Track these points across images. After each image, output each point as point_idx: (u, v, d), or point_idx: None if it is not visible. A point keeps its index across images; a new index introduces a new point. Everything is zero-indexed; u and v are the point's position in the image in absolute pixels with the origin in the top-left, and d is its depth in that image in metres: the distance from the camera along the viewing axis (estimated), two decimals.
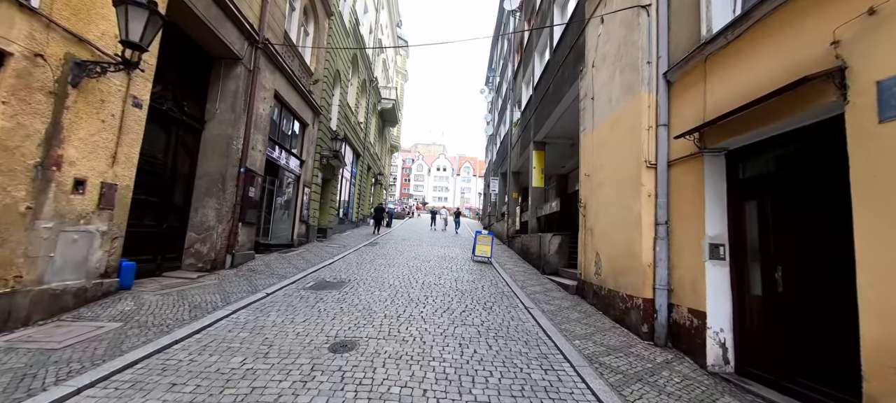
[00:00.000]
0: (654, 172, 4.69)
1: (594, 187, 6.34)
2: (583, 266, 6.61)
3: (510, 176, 16.96)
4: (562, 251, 9.03)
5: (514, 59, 17.96)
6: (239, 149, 7.79)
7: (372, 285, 6.80)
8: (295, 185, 11.53)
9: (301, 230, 11.77)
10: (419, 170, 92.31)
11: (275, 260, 8.75)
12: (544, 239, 9.28)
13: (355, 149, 19.77)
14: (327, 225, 14.67)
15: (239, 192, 7.79)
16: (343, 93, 15.61)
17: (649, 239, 4.61)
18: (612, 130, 5.72)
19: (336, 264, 8.89)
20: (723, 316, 3.81)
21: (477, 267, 9.60)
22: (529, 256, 10.91)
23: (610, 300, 5.40)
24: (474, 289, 6.97)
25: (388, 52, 30.66)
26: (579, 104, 7.37)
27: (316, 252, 10.61)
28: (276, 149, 9.80)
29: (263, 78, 8.53)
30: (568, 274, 8.31)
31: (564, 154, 13.32)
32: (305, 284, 6.67)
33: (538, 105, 11.58)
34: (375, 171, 26.04)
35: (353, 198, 20.69)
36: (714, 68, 3.98)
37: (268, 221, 10.10)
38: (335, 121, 14.97)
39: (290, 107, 10.28)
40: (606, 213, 5.76)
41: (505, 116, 20.83)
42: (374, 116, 24.63)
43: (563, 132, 11.18)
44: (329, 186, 15.00)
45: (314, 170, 12.62)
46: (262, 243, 9.61)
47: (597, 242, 6.03)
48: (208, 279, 6.55)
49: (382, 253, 11.32)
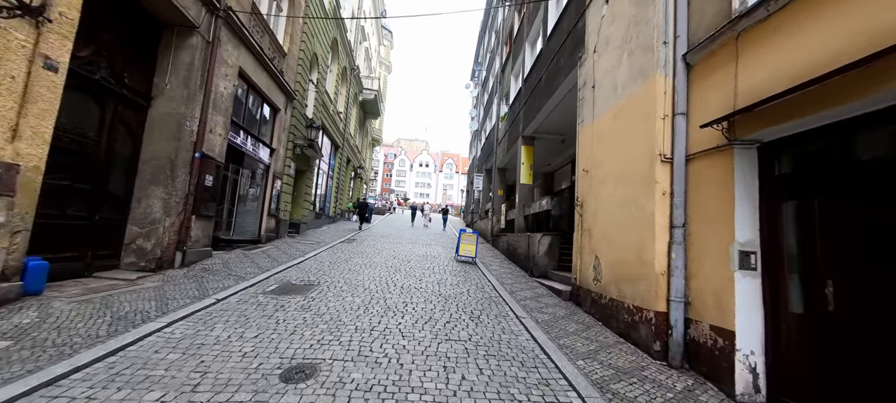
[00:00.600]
0: (669, 167, 4.11)
1: (594, 184, 5.75)
2: (578, 270, 6.02)
3: (496, 172, 16.37)
4: (552, 252, 8.46)
5: (502, 51, 17.35)
6: (193, 132, 6.80)
7: (344, 289, 6.00)
8: (264, 176, 10.51)
9: (270, 225, 10.77)
10: (401, 166, 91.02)
11: (236, 258, 7.79)
12: (533, 239, 8.69)
13: (334, 140, 18.72)
14: (301, 219, 13.66)
15: (192, 181, 6.81)
16: (321, 79, 14.59)
17: (663, 244, 4.02)
18: (617, 121, 5.13)
19: (306, 263, 8.01)
20: (754, 335, 3.25)
21: (461, 268, 8.92)
22: (516, 257, 10.33)
23: (612, 310, 4.82)
24: (459, 294, 6.28)
25: (372, 42, 29.52)
26: (577, 94, 6.77)
27: (285, 249, 9.67)
28: (241, 134, 8.80)
29: (225, 52, 7.53)
30: (559, 277, 7.74)
31: (553, 150, 12.82)
32: (266, 287, 5.80)
33: (528, 97, 10.98)
34: (355, 165, 24.99)
35: (330, 192, 19.65)
36: (749, 46, 3.40)
37: (231, 214, 9.09)
38: (311, 108, 13.95)
39: (258, 88, 9.27)
40: (609, 213, 5.17)
41: (491, 111, 20.22)
42: (354, 107, 23.55)
43: (554, 127, 10.64)
44: (303, 178, 13.98)
45: (286, 159, 11.61)
46: (223, 239, 8.61)
47: (596, 245, 5.45)
48: (149, 281, 5.59)
49: (359, 251, 10.48)
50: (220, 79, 7.45)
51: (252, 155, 9.41)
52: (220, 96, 7.47)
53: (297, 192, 13.77)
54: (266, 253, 8.80)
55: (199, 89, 6.90)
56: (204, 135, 6.98)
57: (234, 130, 8.38)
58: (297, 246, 10.44)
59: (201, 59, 6.89)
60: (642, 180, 4.38)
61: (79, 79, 5.13)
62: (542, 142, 11.62)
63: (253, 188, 10.26)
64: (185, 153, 6.64)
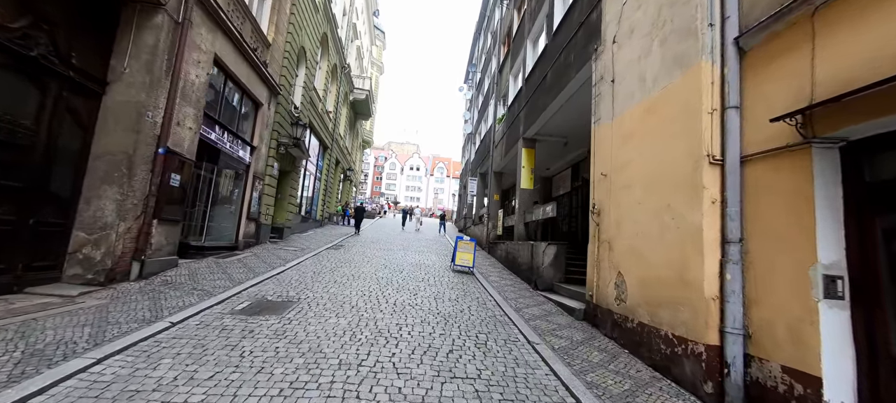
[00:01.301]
0: (719, 171, 3.46)
1: (614, 190, 5.08)
2: (595, 286, 5.34)
3: (492, 176, 15.71)
4: (558, 264, 7.78)
5: (499, 51, 16.76)
6: (157, 124, 5.93)
7: (327, 307, 5.20)
8: (243, 176, 9.61)
9: (249, 229, 9.86)
10: (392, 169, 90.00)
11: (206, 268, 6.90)
12: (537, 248, 8.00)
13: (322, 141, 17.84)
14: (285, 224, 12.75)
15: (155, 180, 5.93)
16: (309, 75, 13.75)
17: (713, 262, 3.35)
18: (648, 117, 4.47)
19: (286, 274, 7.16)
20: (845, 382, 2.59)
21: (459, 280, 8.16)
22: (517, 267, 9.63)
23: (643, 338, 4.13)
24: (460, 313, 5.52)
25: (364, 41, 28.75)
26: (592, 90, 6.12)
27: (265, 256, 8.79)
28: (217, 129, 7.92)
29: (198, 36, 6.68)
30: (567, 291, 7.06)
31: (554, 153, 12.22)
32: (236, 305, 4.96)
33: (530, 97, 10.36)
34: (345, 167, 24.09)
35: (317, 195, 18.72)
36: (830, 24, 2.77)
37: (204, 218, 8.18)
38: (298, 105, 13.08)
39: (237, 80, 8.41)
40: (636, 223, 4.50)
41: (487, 113, 19.62)
42: (344, 107, 22.70)
43: (557, 128, 10.02)
44: (288, 179, 13.08)
45: (269, 159, 10.73)
46: (193, 245, 7.70)
47: (619, 259, 4.77)
48: (94, 298, 4.70)
49: (347, 259, 9.64)
50: (192, 66, 6.60)
51: (230, 152, 8.52)
52: (191, 85, 6.61)
53: (281, 194, 12.86)
54: (242, 261, 7.91)
55: (166, 76, 6.04)
56: (169, 127, 6.11)
57: (207, 124, 7.51)
58: (279, 253, 9.55)
59: (168, 42, 6.04)
60: (683, 186, 3.71)
61: (8, 55, 4.27)
62: (543, 145, 11.00)
63: (230, 189, 9.35)
64: (145, 148, 5.77)
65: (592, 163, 5.79)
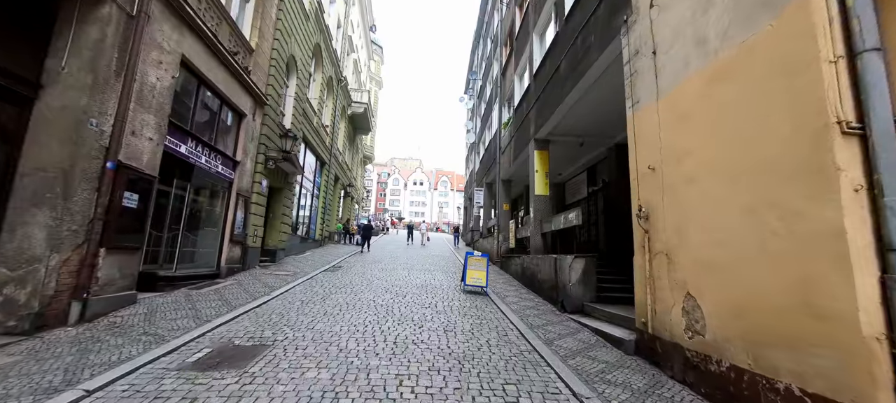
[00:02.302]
0: (859, 143, 2.35)
1: (670, 186, 3.97)
2: (650, 311, 4.17)
3: (500, 185, 14.64)
4: (587, 280, 6.60)
5: (501, 54, 15.90)
6: (105, 133, 4.95)
7: (308, 352, 4.07)
8: (224, 194, 8.61)
9: (233, 254, 8.80)
10: (395, 185, 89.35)
11: (173, 303, 5.81)
12: (562, 263, 6.84)
13: (319, 156, 16.94)
14: (277, 245, 11.69)
15: (102, 200, 4.91)
16: (301, 85, 12.89)
17: (870, 282, 2.21)
18: (716, 88, 3.39)
19: (268, 306, 6.06)
20: None
21: (472, 304, 7.00)
22: (536, 284, 8.44)
23: (744, 389, 2.93)
24: (478, 351, 4.37)
25: (361, 55, 28.22)
26: (624, 70, 5.07)
27: (249, 284, 7.70)
28: (190, 141, 6.95)
29: (159, 32, 5.77)
30: (603, 314, 5.87)
31: (567, 157, 11.14)
32: (189, 356, 3.85)
33: (541, 94, 9.35)
34: (345, 183, 23.16)
35: (315, 213, 17.71)
36: None
37: (175, 243, 7.13)
38: (289, 118, 12.19)
39: (213, 87, 7.48)
40: (711, 228, 3.37)
41: (490, 120, 18.67)
42: (343, 121, 21.91)
43: (572, 127, 8.97)
44: (280, 197, 12.08)
45: (256, 174, 9.75)
46: (162, 276, 6.64)
47: (686, 276, 3.62)
48: (3, 354, 3.61)
49: (343, 283, 8.52)
50: (151, 67, 5.66)
51: (206, 168, 7.53)
52: (151, 89, 5.66)
53: (272, 214, 11.85)
54: (220, 292, 6.82)
55: (116, 77, 5.09)
56: (122, 138, 5.12)
57: (176, 136, 6.54)
58: (267, 279, 8.46)
59: (119, 38, 5.11)
60: (798, 171, 2.59)
61: None
62: (558, 146, 9.94)
63: (208, 209, 8.34)
64: (88, 162, 4.77)
65: (633, 156, 4.70)
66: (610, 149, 9.92)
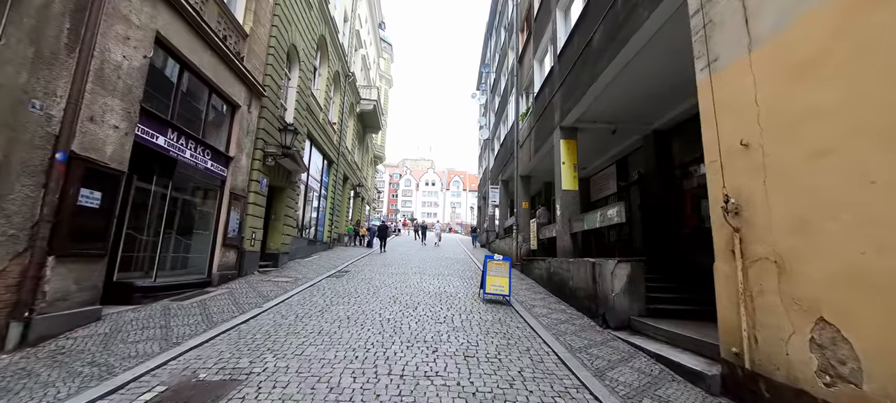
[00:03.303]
0: None
1: (777, 166, 2.87)
2: (746, 338, 3.06)
3: (518, 181, 13.53)
4: (635, 290, 5.49)
5: (517, 41, 14.80)
6: (55, 119, 4.12)
7: (288, 393, 3.10)
8: (216, 193, 7.78)
9: (227, 259, 7.97)
10: (407, 186, 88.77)
11: (145, 319, 4.96)
12: (602, 269, 5.74)
13: (326, 154, 16.14)
14: (279, 249, 10.86)
15: (50, 198, 4.07)
16: (305, 78, 12.06)
17: None
18: (861, 17, 2.30)
19: (257, 321, 5.15)
20: None
21: (494, 318, 5.96)
22: (568, 293, 7.34)
23: None
24: (510, 389, 3.34)
25: (370, 51, 27.48)
26: (691, 22, 3.97)
27: (242, 294, 6.83)
28: (170, 132, 6.11)
29: (125, 3, 4.93)
30: (660, 333, 4.76)
31: (596, 147, 9.99)
32: (135, 398, 2.93)
33: (567, 75, 8.24)
34: (354, 183, 22.37)
35: (323, 214, 16.92)
36: None
37: (157, 248, 6.30)
38: (292, 112, 11.38)
39: (199, 72, 6.65)
40: (868, 220, 2.27)
41: (505, 113, 17.58)
42: (351, 119, 21.12)
43: (604, 112, 7.88)
44: (282, 197, 11.26)
45: (253, 172, 8.92)
46: (139, 286, 5.81)
47: (822, 293, 2.52)
48: None
49: (348, 290, 7.58)
50: (116, 43, 4.82)
51: (191, 163, 6.70)
52: (116, 69, 4.82)
53: (274, 215, 11.04)
54: (205, 304, 5.96)
55: (68, 52, 4.25)
56: (76, 124, 4.29)
57: (153, 126, 5.71)
58: (263, 286, 7.59)
59: (71, 5, 4.28)
60: None
61: None
62: (583, 137, 8.81)
63: (197, 209, 7.51)
64: (30, 152, 3.94)
65: (712, 131, 3.59)
66: (646, 137, 8.75)
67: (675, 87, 6.51)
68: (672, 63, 5.76)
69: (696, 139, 7.86)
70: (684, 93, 7.00)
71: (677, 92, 6.77)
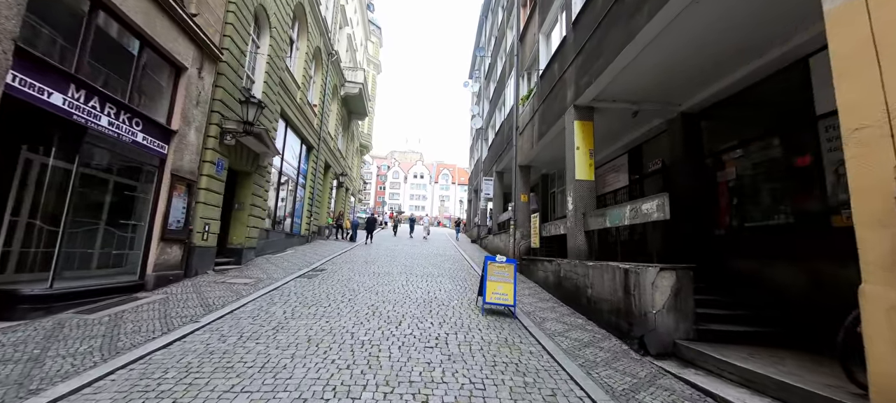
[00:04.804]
0: None
1: None
2: None
3: (516, 172, 12.27)
4: (681, 306, 4.28)
5: (518, 17, 13.45)
6: None
7: None
8: (153, 174, 6.27)
9: (168, 256, 6.48)
10: (395, 178, 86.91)
11: (14, 346, 3.50)
12: (641, 278, 4.50)
13: (305, 139, 14.58)
14: (243, 243, 9.36)
15: None
16: (277, 48, 10.47)
17: None
18: None
19: (182, 345, 3.75)
20: None
21: (499, 337, 4.68)
22: (583, 302, 6.13)
23: None
24: None
25: (357, 32, 25.73)
26: None
27: (180, 301, 5.40)
28: (74, 90, 4.58)
29: None
30: (726, 369, 3.55)
31: (609, 131, 8.79)
32: None
33: (587, 42, 6.95)
34: (337, 172, 20.79)
35: (301, 205, 15.37)
36: None
37: (58, 242, 4.78)
38: (261, 85, 9.82)
39: (122, 15, 5.12)
40: None
41: (502, 98, 16.28)
42: (334, 102, 19.51)
43: (626, 90, 6.64)
44: (248, 183, 9.73)
45: (207, 151, 7.41)
46: (27, 295, 4.32)
47: None
48: None
49: (318, 296, 6.20)
50: None
51: (111, 134, 5.18)
52: None
53: (238, 204, 9.52)
54: (120, 318, 4.51)
55: None
56: None
57: (44, 78, 4.18)
58: (213, 291, 6.15)
59: None
60: None
61: None
62: (605, 115, 7.56)
63: (122, 194, 5.99)
64: None
65: (866, 83, 2.32)
66: (671, 121, 7.56)
67: (719, 61, 5.36)
68: (727, 18, 4.54)
69: (733, 123, 6.77)
70: (730, 66, 5.82)
71: (721, 65, 5.64)
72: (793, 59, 5.36)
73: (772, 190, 5.67)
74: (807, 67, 5.23)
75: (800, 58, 5.30)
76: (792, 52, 5.28)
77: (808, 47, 5.11)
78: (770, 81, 5.75)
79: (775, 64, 5.55)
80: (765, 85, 5.84)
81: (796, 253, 4.94)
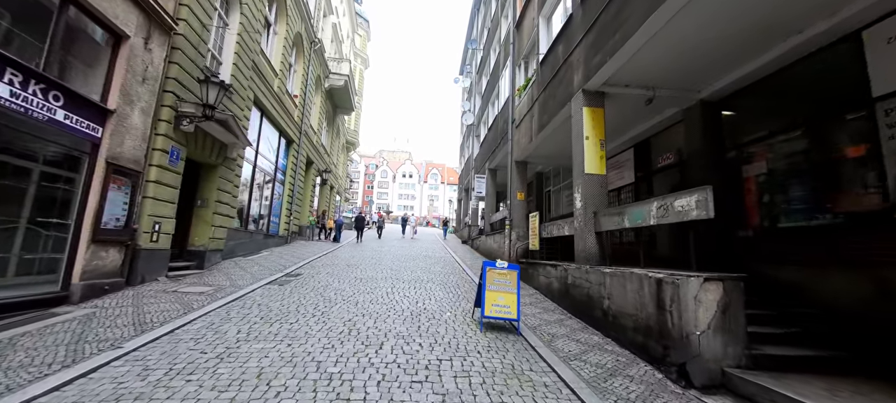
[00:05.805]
0: None
1: None
2: None
3: (512, 168, 11.41)
4: (730, 326, 3.45)
5: (513, 3, 12.59)
6: None
7: None
8: (83, 163, 5.16)
9: (103, 261, 5.38)
10: (383, 177, 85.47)
11: None
12: (681, 290, 3.64)
13: (284, 131, 13.46)
14: (207, 245, 8.24)
15: None
16: (249, 27, 9.36)
17: None
18: None
19: (83, 387, 2.72)
20: None
21: (503, 364, 3.78)
22: (598, 315, 5.28)
23: None
24: None
25: (343, 22, 24.56)
26: None
27: (109, 318, 4.34)
28: None
29: None
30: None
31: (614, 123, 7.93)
32: None
33: (601, 14, 6.10)
34: (321, 168, 19.63)
35: (280, 202, 14.23)
36: None
37: None
38: (229, 67, 8.73)
39: None
40: None
41: (496, 91, 15.43)
42: (318, 95, 18.37)
43: (648, 70, 5.85)
44: (213, 177, 8.60)
45: (157, 138, 6.32)
46: None
47: None
48: None
49: (285, 309, 5.20)
50: None
51: (17, 108, 4.09)
52: None
53: (201, 200, 8.40)
54: (15, 344, 3.45)
55: None
56: None
57: None
58: (157, 303, 5.08)
59: None
60: None
61: None
62: (616, 101, 6.74)
63: (42, 186, 4.87)
64: None
65: None
66: (688, 110, 6.81)
67: (745, 41, 4.60)
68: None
69: (763, 110, 5.99)
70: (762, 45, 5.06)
71: (747, 47, 4.91)
72: (841, 34, 4.63)
73: (813, 185, 4.91)
74: (859, 42, 4.50)
75: (849, 32, 4.57)
76: (840, 26, 4.55)
77: (860, 18, 4.38)
78: (808, 62, 5.02)
79: (817, 40, 4.80)
80: (801, 66, 5.10)
81: (853, 257, 4.18)
